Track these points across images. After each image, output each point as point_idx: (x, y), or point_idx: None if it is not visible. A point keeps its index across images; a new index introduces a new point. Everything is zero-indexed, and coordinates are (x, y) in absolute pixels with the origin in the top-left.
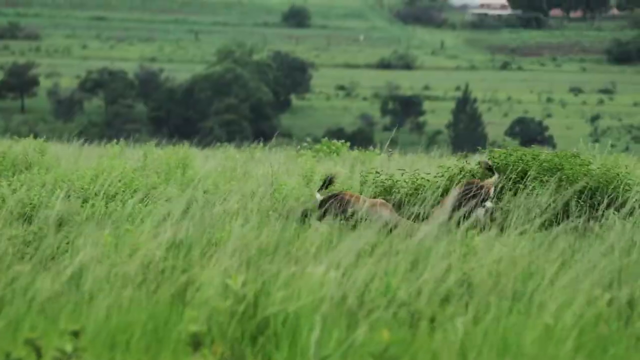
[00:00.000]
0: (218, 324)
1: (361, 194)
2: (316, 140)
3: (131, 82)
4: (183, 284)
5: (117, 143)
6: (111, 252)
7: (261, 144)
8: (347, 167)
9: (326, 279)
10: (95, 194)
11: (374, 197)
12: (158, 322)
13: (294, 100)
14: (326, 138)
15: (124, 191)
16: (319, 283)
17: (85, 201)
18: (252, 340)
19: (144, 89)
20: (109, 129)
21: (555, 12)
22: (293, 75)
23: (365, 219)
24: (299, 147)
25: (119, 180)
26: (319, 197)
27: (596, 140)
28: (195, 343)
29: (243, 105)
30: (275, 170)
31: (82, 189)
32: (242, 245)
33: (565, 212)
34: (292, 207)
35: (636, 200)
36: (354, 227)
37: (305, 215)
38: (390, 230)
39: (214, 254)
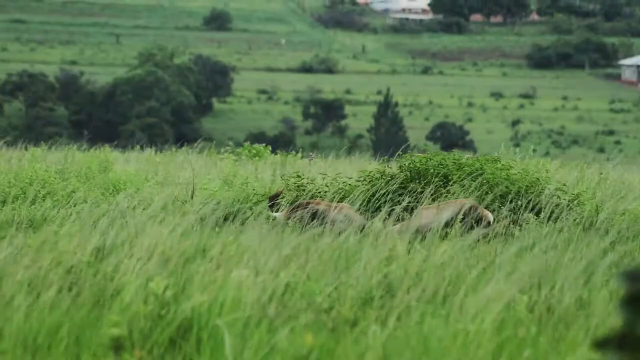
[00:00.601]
0: (139, 328)
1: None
2: (238, 144)
3: (52, 85)
4: (104, 288)
5: (37, 146)
6: (32, 255)
7: (183, 147)
8: (268, 171)
9: (248, 283)
10: (15, 198)
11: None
12: (79, 326)
13: (216, 103)
14: (248, 142)
15: (44, 195)
16: (241, 287)
17: (4, 204)
18: (173, 345)
19: (65, 92)
20: (30, 132)
21: (476, 17)
22: (214, 79)
23: (336, 225)
24: (220, 150)
25: (40, 184)
26: (278, 215)
27: (517, 145)
28: (116, 347)
29: (164, 108)
30: (197, 174)
31: (2, 192)
32: (164, 250)
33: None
34: (213, 210)
35: (556, 204)
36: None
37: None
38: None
39: (136, 259)
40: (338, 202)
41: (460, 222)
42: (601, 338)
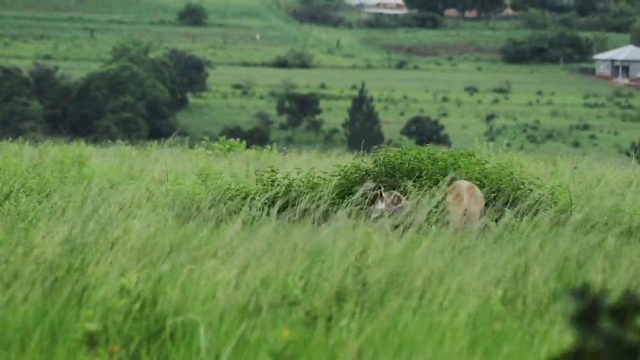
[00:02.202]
0: (114, 323)
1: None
2: (213, 139)
3: (26, 79)
4: (79, 283)
5: (12, 141)
6: (5, 250)
7: (157, 142)
8: (243, 165)
9: (223, 277)
10: None
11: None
12: (53, 321)
13: (191, 98)
14: (223, 136)
15: (18, 189)
16: (217, 281)
17: None
18: (149, 340)
19: (39, 86)
20: (4, 127)
21: (451, 11)
22: (189, 74)
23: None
24: (195, 145)
25: (14, 179)
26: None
27: (491, 139)
28: (91, 342)
29: (139, 103)
30: (171, 169)
31: None
32: (139, 244)
33: None
34: (188, 205)
35: (531, 199)
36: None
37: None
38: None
39: (110, 253)
40: (314, 195)
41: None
42: (555, 357)
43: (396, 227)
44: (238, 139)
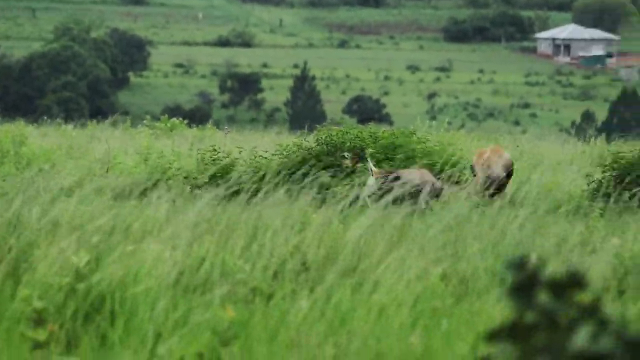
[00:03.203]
0: (53, 302)
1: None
2: (154, 118)
3: None
4: (17, 262)
5: None
6: None
7: (99, 121)
8: (185, 144)
9: (163, 256)
10: None
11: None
12: None
13: (132, 78)
14: (164, 115)
15: None
16: (156, 260)
17: None
18: (87, 318)
19: None
20: None
21: None
22: (131, 53)
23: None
24: (137, 124)
25: None
26: (370, 182)
27: (433, 118)
28: (38, 320)
29: (80, 83)
30: (113, 148)
31: None
32: (79, 224)
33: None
34: (129, 185)
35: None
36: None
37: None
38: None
39: (50, 233)
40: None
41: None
42: (491, 330)
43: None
44: (180, 118)
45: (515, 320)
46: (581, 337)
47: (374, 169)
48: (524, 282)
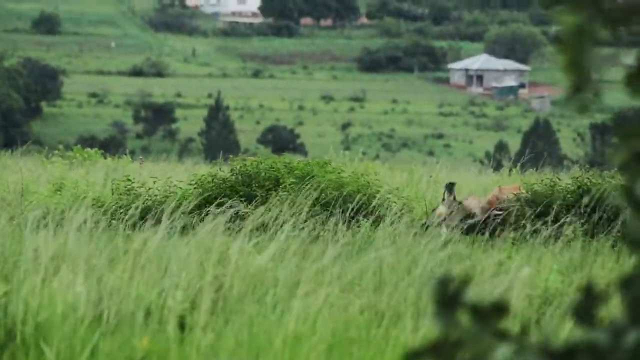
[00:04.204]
0: None
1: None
2: (68, 148)
3: None
4: None
5: None
6: None
7: (11, 151)
8: (99, 174)
9: (76, 287)
10: None
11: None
12: None
13: (45, 107)
14: (78, 145)
15: None
16: (70, 290)
17: None
18: (1, 348)
19: None
20: None
21: (306, 20)
22: (44, 82)
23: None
24: (50, 154)
25: None
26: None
27: (347, 148)
28: None
29: None
30: (26, 178)
31: None
32: None
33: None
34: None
35: (387, 207)
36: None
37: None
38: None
39: None
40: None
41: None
42: (415, 347)
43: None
44: (94, 148)
45: (440, 338)
46: (503, 353)
47: (446, 197)
48: (447, 301)
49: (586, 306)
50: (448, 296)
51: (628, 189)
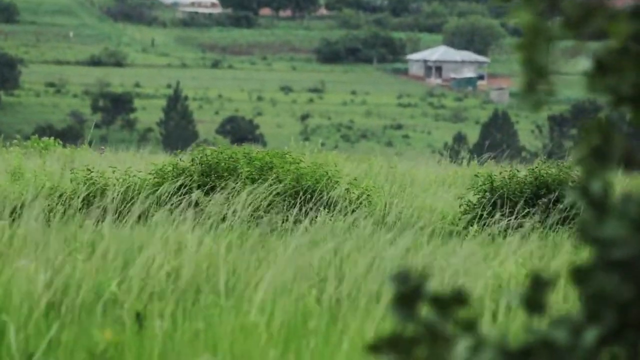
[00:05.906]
0: None
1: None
2: (25, 137)
3: None
4: None
5: None
6: None
7: None
8: (57, 164)
9: (35, 276)
10: None
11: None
12: None
13: (3, 96)
14: (36, 135)
15: None
16: (28, 280)
17: None
18: None
19: None
20: None
21: (265, 11)
22: (1, 72)
23: None
24: (8, 144)
25: None
26: None
27: (306, 139)
28: None
29: None
30: None
31: None
32: None
33: (273, 210)
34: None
35: (345, 198)
36: None
37: None
38: None
39: None
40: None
41: None
42: (373, 341)
43: None
44: (52, 138)
45: (397, 333)
46: (461, 351)
47: None
48: (407, 294)
49: (535, 295)
50: (407, 288)
51: (584, 185)
